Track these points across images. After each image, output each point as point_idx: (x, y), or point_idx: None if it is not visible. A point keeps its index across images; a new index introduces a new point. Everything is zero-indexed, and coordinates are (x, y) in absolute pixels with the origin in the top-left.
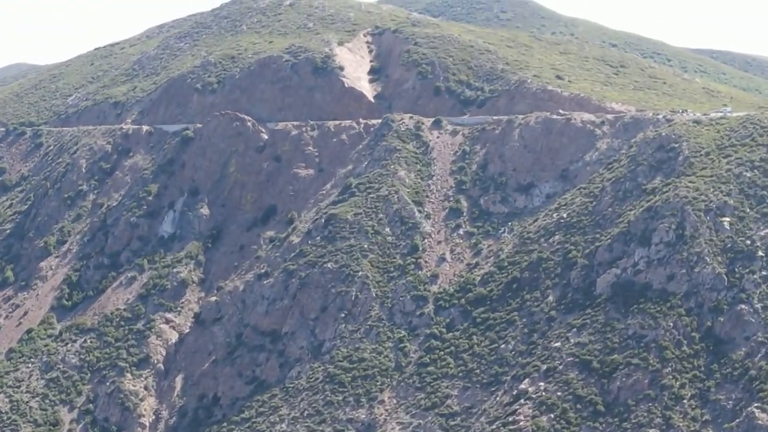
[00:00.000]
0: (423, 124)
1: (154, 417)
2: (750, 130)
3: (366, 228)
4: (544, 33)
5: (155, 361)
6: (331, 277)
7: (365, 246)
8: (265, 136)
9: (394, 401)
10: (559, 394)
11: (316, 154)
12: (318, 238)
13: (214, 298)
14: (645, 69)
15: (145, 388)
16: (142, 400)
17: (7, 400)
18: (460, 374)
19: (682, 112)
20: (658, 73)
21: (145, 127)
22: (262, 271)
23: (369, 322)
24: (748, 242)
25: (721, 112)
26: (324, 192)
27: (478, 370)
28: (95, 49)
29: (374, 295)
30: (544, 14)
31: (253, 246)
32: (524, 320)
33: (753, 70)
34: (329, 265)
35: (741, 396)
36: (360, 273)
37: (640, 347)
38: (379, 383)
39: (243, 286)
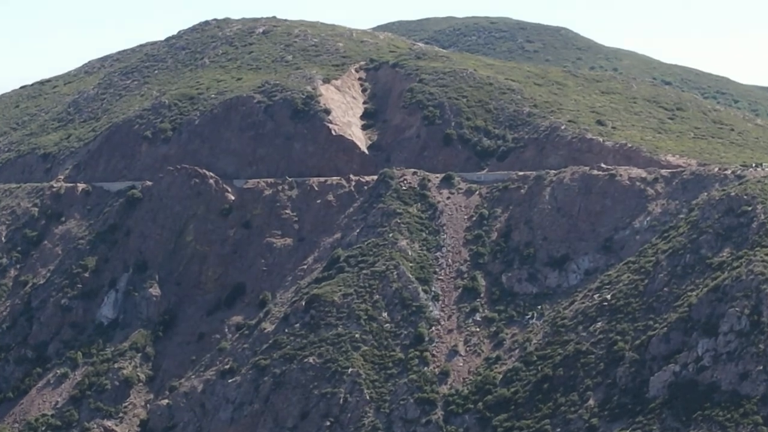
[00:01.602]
0: (430, 181)
1: None
2: None
3: (358, 312)
4: (580, 68)
5: None
6: (314, 375)
7: (357, 335)
8: (232, 197)
9: None
10: None
11: (296, 219)
12: (297, 325)
13: (165, 401)
14: (707, 112)
15: None
16: None
17: None
18: None
19: (756, 166)
20: (724, 117)
21: (81, 186)
22: (227, 366)
23: None
24: None
25: None
26: (305, 267)
27: None
28: (21, 87)
29: (368, 397)
30: (581, 44)
31: (216, 335)
32: (558, 430)
33: None
34: (311, 359)
35: None
36: (350, 370)
37: None
38: None
39: (202, 385)
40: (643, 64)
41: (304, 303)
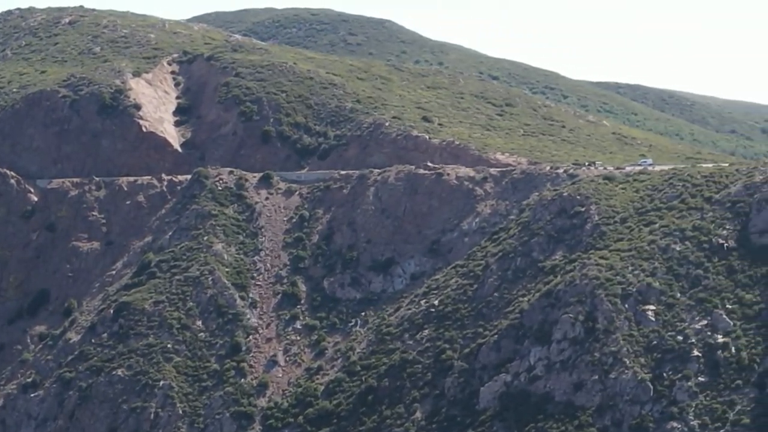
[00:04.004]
0: (247, 181)
1: None
2: (678, 189)
3: (170, 321)
4: (405, 62)
5: None
6: (123, 389)
7: (169, 345)
8: (35, 198)
9: None
10: None
11: (103, 221)
12: (105, 335)
13: None
14: (537, 108)
15: None
16: None
17: None
18: None
19: (589, 165)
20: (555, 113)
21: None
22: (29, 380)
23: None
24: (680, 338)
25: (640, 164)
26: (113, 272)
27: None
28: None
29: (181, 412)
30: (406, 38)
31: (17, 346)
32: None
33: (670, 109)
34: (120, 371)
35: None
36: (162, 382)
37: None
38: None
39: (2, 400)
40: (470, 59)
41: (112, 311)
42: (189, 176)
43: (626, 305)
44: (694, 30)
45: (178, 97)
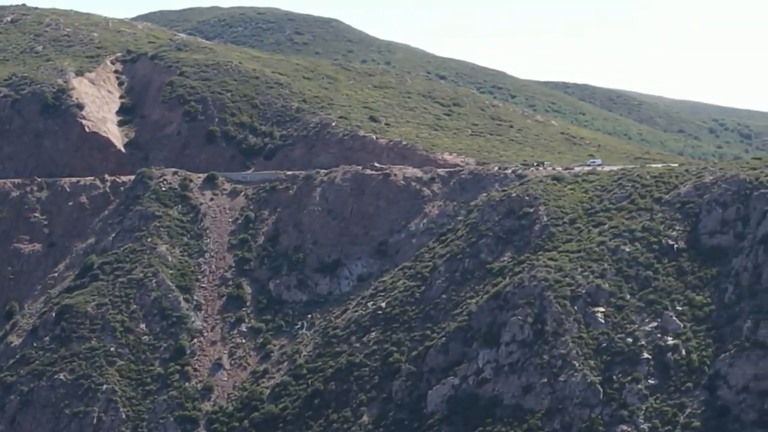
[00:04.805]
0: (192, 181)
1: None
2: (628, 190)
3: (113, 324)
4: (352, 61)
5: None
6: (65, 393)
7: (112, 349)
8: None
9: None
10: None
11: (45, 222)
12: (47, 338)
13: None
14: (485, 108)
15: None
16: None
17: None
18: None
19: (538, 165)
20: (502, 113)
21: None
22: None
23: None
24: (630, 340)
25: (589, 165)
26: (55, 274)
27: None
28: None
29: (124, 416)
30: (352, 37)
31: None
32: None
33: (618, 109)
34: (62, 375)
35: None
36: (105, 386)
37: None
38: None
39: None
40: (418, 58)
41: (54, 314)
42: (132, 177)
43: (575, 307)
44: (640, 30)
45: (121, 97)
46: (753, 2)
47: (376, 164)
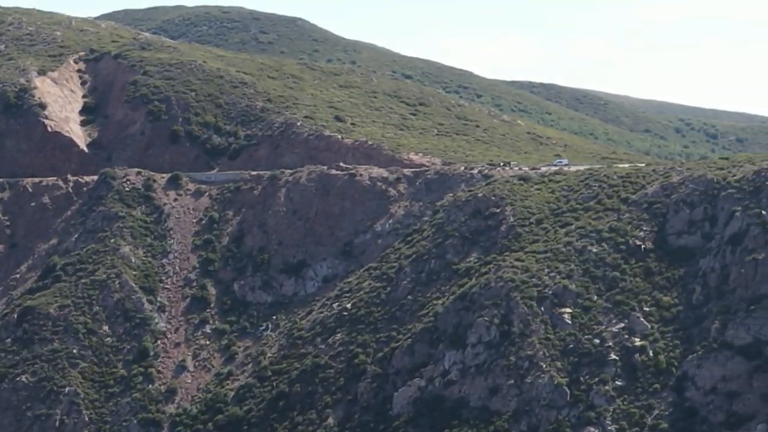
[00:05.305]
0: (155, 182)
1: None
2: (594, 190)
3: (76, 326)
4: (317, 60)
5: None
6: (27, 395)
7: (75, 351)
8: None
9: None
10: None
11: (7, 223)
12: (8, 340)
13: None
14: (451, 108)
15: None
16: None
17: None
18: None
19: (504, 165)
20: (469, 112)
21: None
22: None
23: None
24: (597, 341)
25: (555, 165)
26: (17, 276)
27: None
28: None
29: (87, 419)
30: (318, 36)
31: None
32: None
33: (584, 109)
34: (24, 378)
35: None
36: (67, 389)
37: None
38: None
39: None
40: (383, 57)
41: (16, 316)
42: (95, 177)
43: (542, 308)
44: (606, 29)
45: (84, 96)
46: (718, 2)
47: (342, 164)
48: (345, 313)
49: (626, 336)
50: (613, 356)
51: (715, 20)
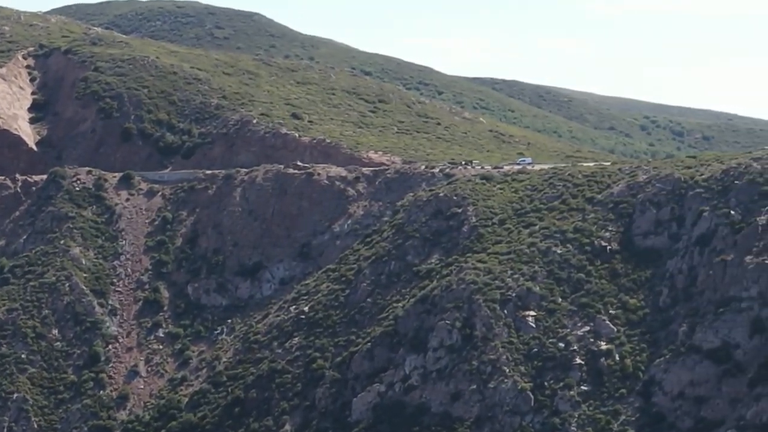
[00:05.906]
0: (107, 181)
1: None
2: (559, 190)
3: (24, 330)
4: (274, 56)
5: None
6: None
7: (23, 356)
8: None
9: None
10: None
11: None
12: None
13: None
14: (411, 105)
15: None
16: None
17: None
18: None
19: (466, 164)
20: (429, 110)
21: None
22: None
23: None
24: (562, 345)
25: (518, 164)
26: None
27: None
28: None
29: (36, 426)
30: (275, 31)
31: None
32: None
33: (547, 106)
34: None
35: None
36: (15, 395)
37: None
38: None
39: None
40: (342, 53)
41: None
42: (45, 176)
43: (505, 311)
44: (568, 25)
45: (33, 93)
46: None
47: (299, 163)
48: (302, 317)
49: (592, 339)
50: (578, 360)
51: (681, 16)
